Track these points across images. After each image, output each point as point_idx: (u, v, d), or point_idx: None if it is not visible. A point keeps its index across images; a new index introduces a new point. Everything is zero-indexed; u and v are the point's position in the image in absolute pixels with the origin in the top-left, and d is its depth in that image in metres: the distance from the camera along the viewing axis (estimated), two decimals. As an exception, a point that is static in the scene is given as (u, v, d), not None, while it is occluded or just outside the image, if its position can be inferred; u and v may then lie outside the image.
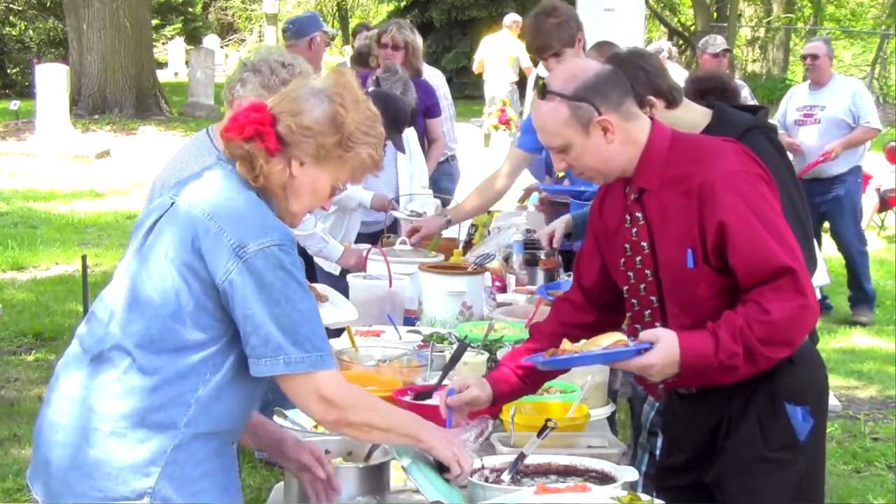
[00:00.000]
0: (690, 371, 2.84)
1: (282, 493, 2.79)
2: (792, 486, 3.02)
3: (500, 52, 16.53)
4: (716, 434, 3.05)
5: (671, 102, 3.54)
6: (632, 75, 3.51)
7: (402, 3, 26.75)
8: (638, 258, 3.01)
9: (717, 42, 10.04)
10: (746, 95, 9.30)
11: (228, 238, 2.48)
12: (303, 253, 5.13)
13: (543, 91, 2.93)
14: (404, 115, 6.03)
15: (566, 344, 2.90)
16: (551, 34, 4.86)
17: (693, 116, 3.57)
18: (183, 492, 2.53)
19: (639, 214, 3.00)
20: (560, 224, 4.88)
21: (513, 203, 7.59)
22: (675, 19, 30.16)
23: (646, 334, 2.87)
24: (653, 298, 3.01)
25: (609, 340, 2.84)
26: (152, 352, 2.51)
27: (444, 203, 7.77)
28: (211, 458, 2.58)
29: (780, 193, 2.97)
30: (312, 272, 5.65)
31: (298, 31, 6.86)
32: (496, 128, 15.99)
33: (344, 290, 4.57)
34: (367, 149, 2.65)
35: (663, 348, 2.81)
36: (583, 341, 2.91)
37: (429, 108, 7.29)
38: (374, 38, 7.49)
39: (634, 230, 3.01)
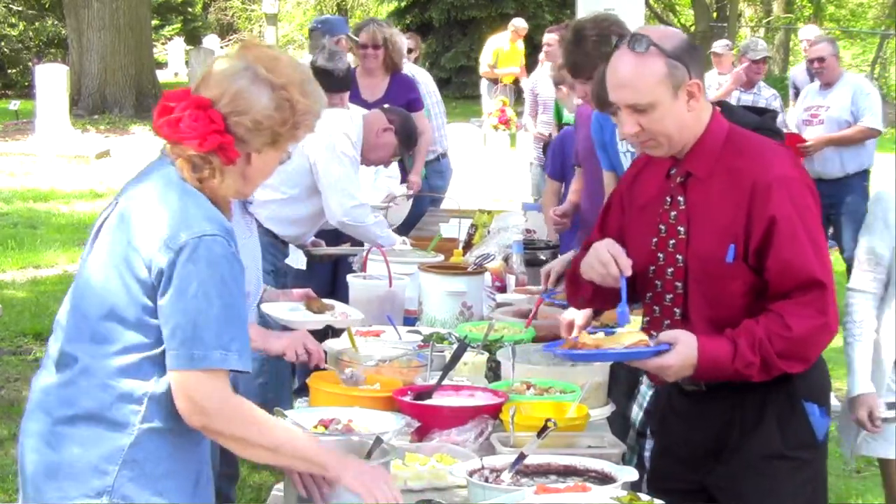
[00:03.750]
0: (705, 375, 2.86)
1: (282, 493, 2.78)
2: (810, 485, 3.01)
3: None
4: (727, 432, 3.01)
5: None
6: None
7: (403, 3, 26.73)
8: (671, 241, 2.98)
9: (759, 48, 9.99)
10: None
11: (161, 231, 2.48)
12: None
13: (637, 44, 2.85)
14: (416, 134, 6.10)
15: (585, 337, 2.89)
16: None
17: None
18: (146, 490, 2.53)
19: (681, 198, 2.96)
20: (558, 264, 4.58)
21: (513, 203, 7.62)
22: (676, 20, 30.16)
23: (665, 335, 2.86)
24: (678, 284, 2.98)
25: (631, 339, 2.84)
26: (99, 354, 2.52)
27: (436, 201, 7.82)
28: (176, 457, 2.57)
29: None
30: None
31: (330, 30, 6.92)
32: (496, 128, 16.01)
33: (313, 285, 4.58)
34: (313, 115, 2.65)
35: (681, 351, 2.81)
36: (600, 334, 2.91)
37: (410, 101, 7.33)
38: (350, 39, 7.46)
39: (673, 213, 2.97)
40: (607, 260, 2.98)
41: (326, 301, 4.14)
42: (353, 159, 5.55)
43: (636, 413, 3.84)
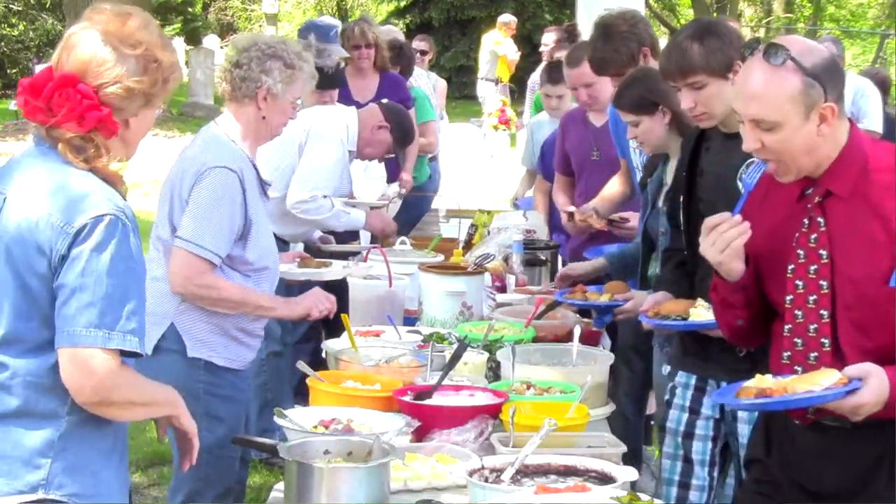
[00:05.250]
0: (892, 409, 2.61)
1: (282, 494, 2.78)
2: None
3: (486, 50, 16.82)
4: (872, 474, 2.77)
5: None
6: (728, 36, 3.43)
7: (402, 3, 26.73)
8: (812, 267, 2.75)
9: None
10: None
11: (55, 219, 2.48)
12: None
13: (773, 55, 2.65)
14: (413, 132, 6.09)
15: (764, 381, 2.65)
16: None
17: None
18: (80, 476, 2.57)
19: (820, 219, 2.74)
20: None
21: (510, 203, 7.63)
22: (675, 20, 30.17)
23: (854, 370, 2.60)
24: (823, 313, 2.74)
25: (830, 379, 2.59)
26: (15, 354, 2.52)
27: (429, 200, 7.81)
28: (102, 437, 2.61)
29: None
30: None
31: (316, 32, 6.92)
32: (496, 128, 16.01)
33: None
34: (178, 66, 2.67)
35: (874, 386, 2.58)
36: (781, 378, 2.67)
37: (400, 101, 7.26)
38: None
39: (813, 236, 2.75)
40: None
41: (319, 259, 4.35)
42: (325, 155, 5.50)
43: (676, 416, 3.63)
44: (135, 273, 2.54)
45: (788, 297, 2.80)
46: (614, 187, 5.26)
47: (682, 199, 3.61)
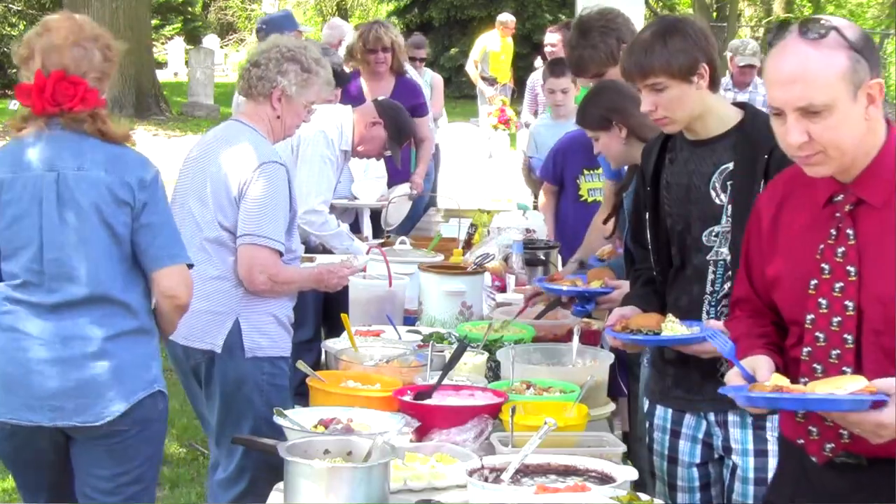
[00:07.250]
0: None
1: (282, 494, 2.78)
2: None
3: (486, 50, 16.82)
4: None
5: (714, 83, 3.20)
6: (693, 37, 3.19)
7: (402, 3, 26.74)
8: (838, 284, 2.44)
9: (746, 51, 9.32)
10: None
11: (131, 179, 3.27)
12: None
13: (812, 30, 2.36)
14: (408, 129, 6.07)
15: (779, 379, 2.39)
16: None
17: (726, 108, 3.26)
18: (161, 373, 3.41)
19: (850, 231, 2.44)
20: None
21: (513, 203, 7.62)
22: (675, 19, 30.17)
23: (882, 384, 2.28)
24: (847, 337, 2.43)
25: (855, 385, 2.29)
26: (127, 287, 3.30)
27: (423, 200, 7.81)
28: None
29: None
30: None
31: (277, 28, 6.92)
32: (496, 128, 16.00)
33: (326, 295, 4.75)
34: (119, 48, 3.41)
35: None
36: (802, 382, 2.42)
37: (414, 107, 7.21)
38: (355, 42, 7.43)
39: (840, 250, 2.45)
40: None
41: (305, 255, 4.57)
42: (325, 159, 5.52)
43: (659, 464, 3.41)
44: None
45: (809, 317, 2.50)
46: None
47: (647, 216, 3.37)
